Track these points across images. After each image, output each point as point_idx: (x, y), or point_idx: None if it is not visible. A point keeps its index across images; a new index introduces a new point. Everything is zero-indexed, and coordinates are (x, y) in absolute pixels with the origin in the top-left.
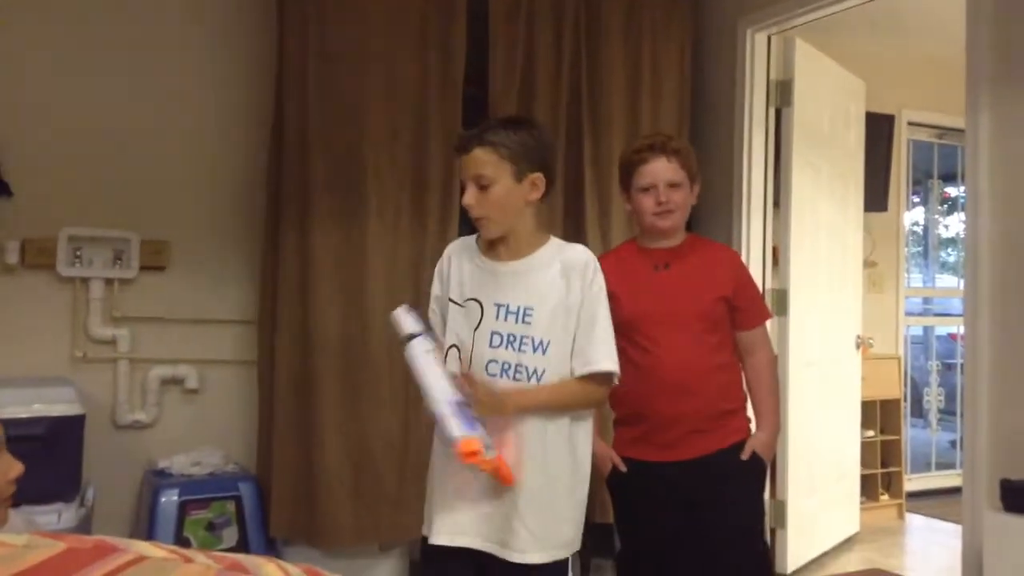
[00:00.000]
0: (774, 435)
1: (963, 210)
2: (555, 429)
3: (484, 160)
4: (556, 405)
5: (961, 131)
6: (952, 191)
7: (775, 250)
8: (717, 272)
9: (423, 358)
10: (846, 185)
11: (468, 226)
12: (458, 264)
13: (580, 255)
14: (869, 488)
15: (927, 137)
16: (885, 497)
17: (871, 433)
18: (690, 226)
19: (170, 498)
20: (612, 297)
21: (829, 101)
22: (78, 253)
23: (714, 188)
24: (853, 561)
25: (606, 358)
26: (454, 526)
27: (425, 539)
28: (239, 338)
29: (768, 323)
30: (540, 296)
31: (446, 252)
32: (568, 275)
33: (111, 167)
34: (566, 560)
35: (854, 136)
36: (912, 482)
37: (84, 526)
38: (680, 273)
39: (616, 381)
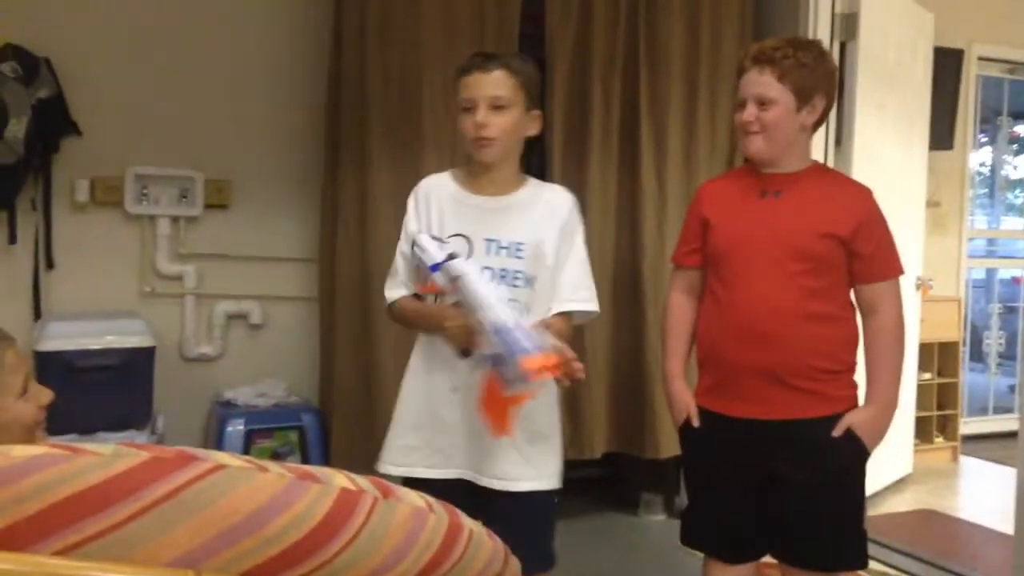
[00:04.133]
0: (883, 414)
1: None
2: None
3: (504, 82)
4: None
5: None
6: (1022, 130)
7: None
8: (835, 207)
9: (479, 274)
10: (911, 122)
11: (534, 160)
12: (437, 201)
13: (563, 195)
14: (924, 430)
15: (998, 72)
16: (940, 440)
17: (928, 375)
18: None
19: (236, 427)
20: (707, 225)
21: (896, 35)
22: (144, 191)
23: None
24: (905, 502)
25: (580, 298)
26: (443, 457)
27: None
28: (301, 275)
29: (899, 280)
30: (529, 232)
31: (420, 188)
32: (552, 214)
33: (174, 107)
34: (557, 491)
35: (921, 71)
36: (968, 425)
37: None
38: (791, 203)
39: (580, 319)
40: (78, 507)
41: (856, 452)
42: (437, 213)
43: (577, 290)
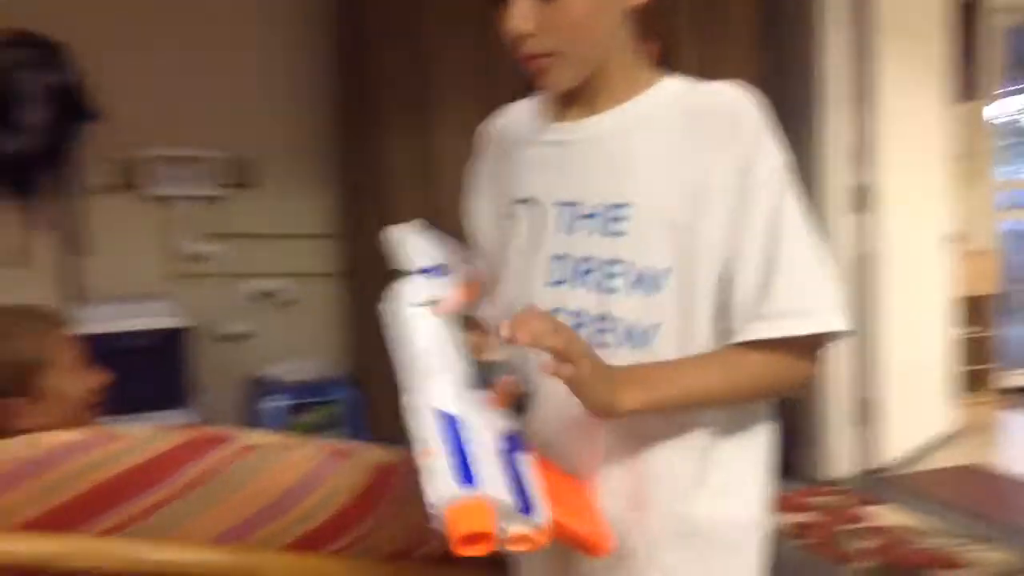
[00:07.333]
0: None
1: None
2: (704, 444)
3: None
4: (714, 394)
5: None
6: None
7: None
8: None
9: (409, 317)
10: (934, 73)
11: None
12: (504, 145)
13: (731, 99)
14: (963, 385)
15: (1018, 21)
16: (979, 394)
17: (966, 329)
18: None
19: (275, 404)
20: None
21: None
22: (168, 173)
23: (792, 79)
24: (948, 457)
25: (814, 307)
26: None
27: None
28: (328, 250)
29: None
30: (642, 179)
31: (485, 132)
32: (708, 134)
33: (193, 87)
34: None
35: (942, 20)
36: (1008, 379)
37: None
38: None
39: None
40: (116, 490)
41: None
42: (505, 166)
43: (779, 296)
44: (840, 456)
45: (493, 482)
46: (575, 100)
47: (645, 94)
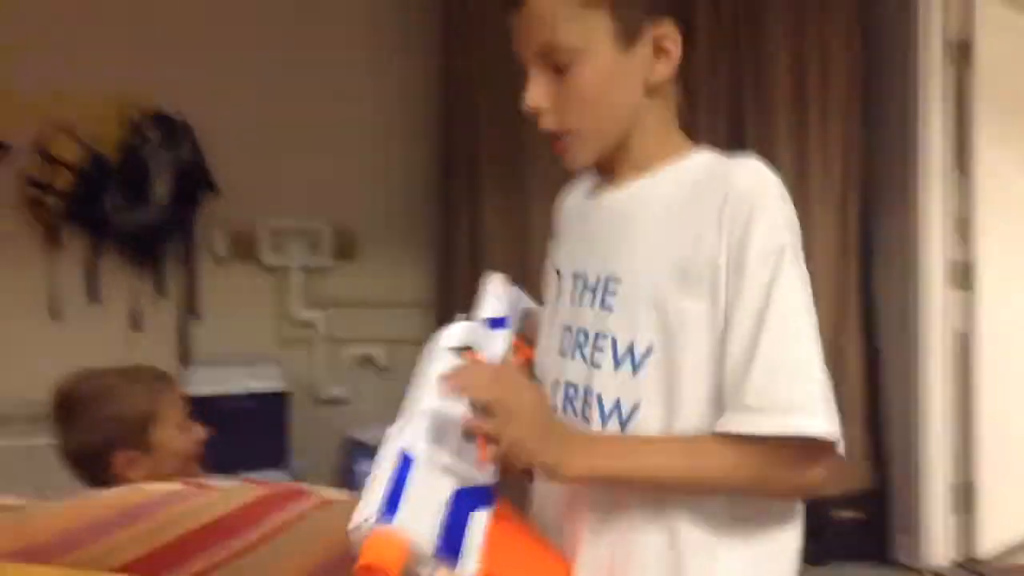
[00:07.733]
0: None
1: None
2: (690, 536)
3: (555, 14)
4: (674, 479)
5: None
6: None
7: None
8: None
9: (432, 356)
10: None
11: None
12: (563, 218)
13: (741, 177)
14: None
15: None
16: None
17: None
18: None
19: (366, 466)
20: None
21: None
22: (278, 243)
23: (892, 155)
24: None
25: (787, 406)
26: None
27: None
28: (423, 318)
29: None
30: (631, 254)
31: (556, 206)
32: (703, 209)
33: (301, 164)
34: None
35: None
36: None
37: None
38: None
39: (838, 451)
40: (206, 537)
41: None
42: (558, 238)
43: (751, 388)
44: (937, 543)
45: (417, 523)
46: (604, 173)
47: (665, 168)
